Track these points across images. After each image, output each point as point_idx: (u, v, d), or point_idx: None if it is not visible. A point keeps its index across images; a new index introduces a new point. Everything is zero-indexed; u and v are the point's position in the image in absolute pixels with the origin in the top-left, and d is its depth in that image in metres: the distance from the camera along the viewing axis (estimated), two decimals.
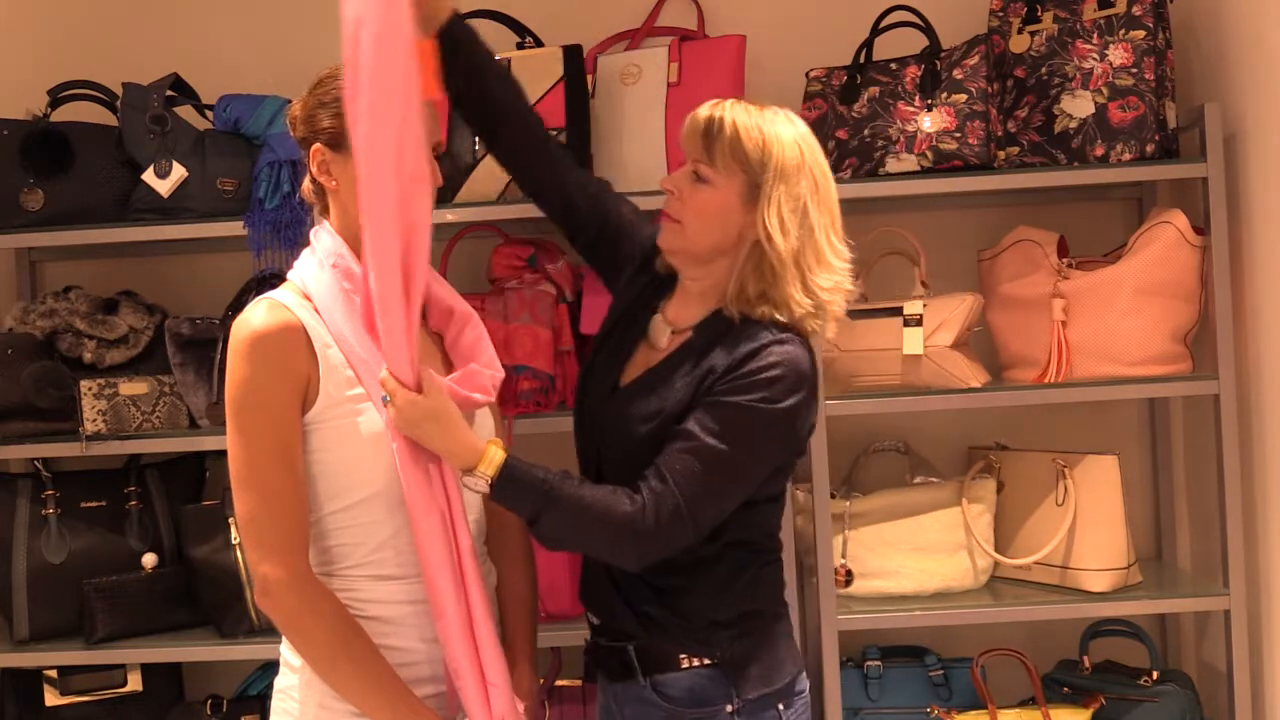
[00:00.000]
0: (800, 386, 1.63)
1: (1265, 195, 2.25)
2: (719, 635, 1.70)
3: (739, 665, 1.70)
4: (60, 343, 2.51)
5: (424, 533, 1.61)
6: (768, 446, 1.65)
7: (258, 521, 1.58)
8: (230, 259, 2.61)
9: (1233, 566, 2.30)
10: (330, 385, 1.63)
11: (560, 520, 1.61)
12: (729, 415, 1.61)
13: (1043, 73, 2.43)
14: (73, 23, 2.82)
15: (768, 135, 1.65)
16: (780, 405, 1.61)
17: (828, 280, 1.66)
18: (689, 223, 1.69)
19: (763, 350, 1.62)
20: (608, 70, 2.54)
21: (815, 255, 1.66)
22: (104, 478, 2.59)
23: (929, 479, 2.55)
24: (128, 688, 2.54)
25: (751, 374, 1.61)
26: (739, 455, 1.61)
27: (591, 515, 1.60)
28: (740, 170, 1.66)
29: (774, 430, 1.63)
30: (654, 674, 1.71)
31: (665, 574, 1.69)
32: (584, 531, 1.63)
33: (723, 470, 1.61)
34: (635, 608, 1.72)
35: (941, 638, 2.58)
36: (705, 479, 1.60)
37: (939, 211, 2.66)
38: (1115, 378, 2.36)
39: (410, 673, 1.64)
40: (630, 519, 1.59)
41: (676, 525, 1.60)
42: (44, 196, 2.47)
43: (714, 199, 1.67)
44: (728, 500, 1.65)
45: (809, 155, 1.67)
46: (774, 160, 1.64)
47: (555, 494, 1.60)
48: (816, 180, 1.67)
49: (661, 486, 1.60)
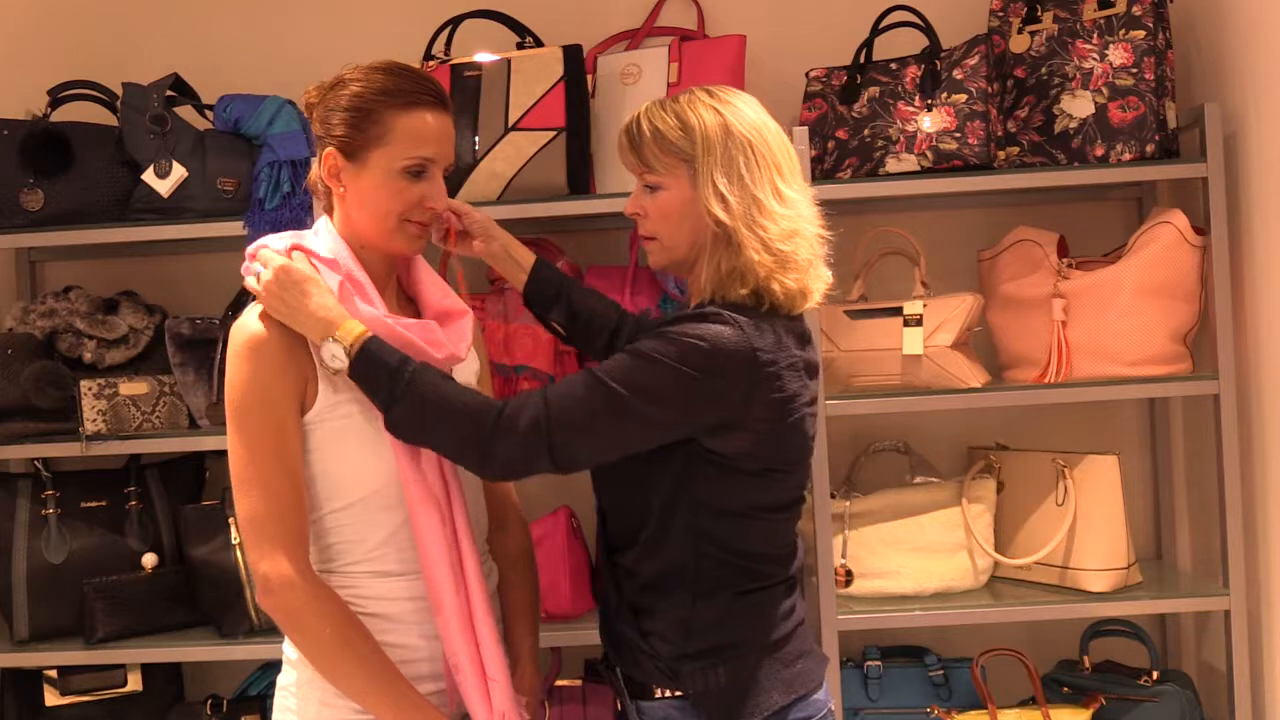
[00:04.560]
0: (720, 371, 1.54)
1: (1265, 195, 2.25)
2: (685, 668, 1.63)
3: (712, 698, 1.62)
4: (60, 343, 2.51)
5: (423, 528, 1.62)
6: (658, 399, 1.55)
7: (258, 521, 1.59)
8: (230, 259, 2.57)
9: (1233, 566, 2.30)
10: (329, 385, 1.64)
11: (413, 407, 1.57)
12: (629, 359, 1.56)
13: (1043, 73, 2.43)
14: (73, 23, 2.82)
15: (685, 119, 1.64)
16: (680, 366, 1.53)
17: (775, 228, 1.61)
18: (661, 233, 1.69)
19: (697, 319, 1.57)
20: (608, 70, 2.54)
21: (759, 210, 1.61)
22: (104, 478, 2.59)
23: (929, 479, 2.55)
24: (128, 688, 2.54)
25: (672, 333, 1.56)
26: (624, 397, 1.53)
27: (446, 406, 1.57)
28: (678, 161, 1.65)
29: (666, 385, 1.54)
30: (637, 699, 1.68)
31: (638, 590, 1.66)
32: (435, 422, 1.58)
33: (601, 404, 1.54)
34: (615, 629, 1.70)
35: (941, 638, 2.58)
36: (580, 406, 1.55)
37: (939, 211, 2.66)
38: (1115, 378, 2.36)
39: (411, 669, 1.64)
40: (482, 412, 1.56)
41: (531, 436, 1.54)
42: (44, 196, 2.47)
43: (670, 200, 1.66)
44: (599, 441, 1.57)
45: (734, 121, 1.64)
46: (698, 138, 1.63)
47: (414, 379, 1.57)
48: (748, 140, 1.63)
49: (531, 396, 1.57)
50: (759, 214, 1.61)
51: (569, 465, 1.58)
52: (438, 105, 1.68)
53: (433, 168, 1.68)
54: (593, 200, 2.40)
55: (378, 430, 1.62)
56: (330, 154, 1.67)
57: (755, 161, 1.63)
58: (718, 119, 1.64)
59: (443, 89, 1.70)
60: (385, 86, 1.65)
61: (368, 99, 1.64)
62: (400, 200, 1.66)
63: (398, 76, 1.66)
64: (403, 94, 1.65)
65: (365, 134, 1.64)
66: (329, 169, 1.68)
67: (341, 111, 1.65)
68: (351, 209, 1.69)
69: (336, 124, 1.66)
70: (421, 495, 1.62)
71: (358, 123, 1.64)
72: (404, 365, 1.58)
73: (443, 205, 1.71)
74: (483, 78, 2.45)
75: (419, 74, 1.69)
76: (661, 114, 1.66)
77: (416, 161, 1.65)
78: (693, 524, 1.62)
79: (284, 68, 2.56)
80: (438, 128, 1.67)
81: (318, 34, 2.78)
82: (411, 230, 1.69)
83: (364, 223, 1.69)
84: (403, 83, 1.65)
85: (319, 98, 1.70)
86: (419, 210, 1.68)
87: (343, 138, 1.66)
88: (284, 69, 2.54)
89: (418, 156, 1.65)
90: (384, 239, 1.69)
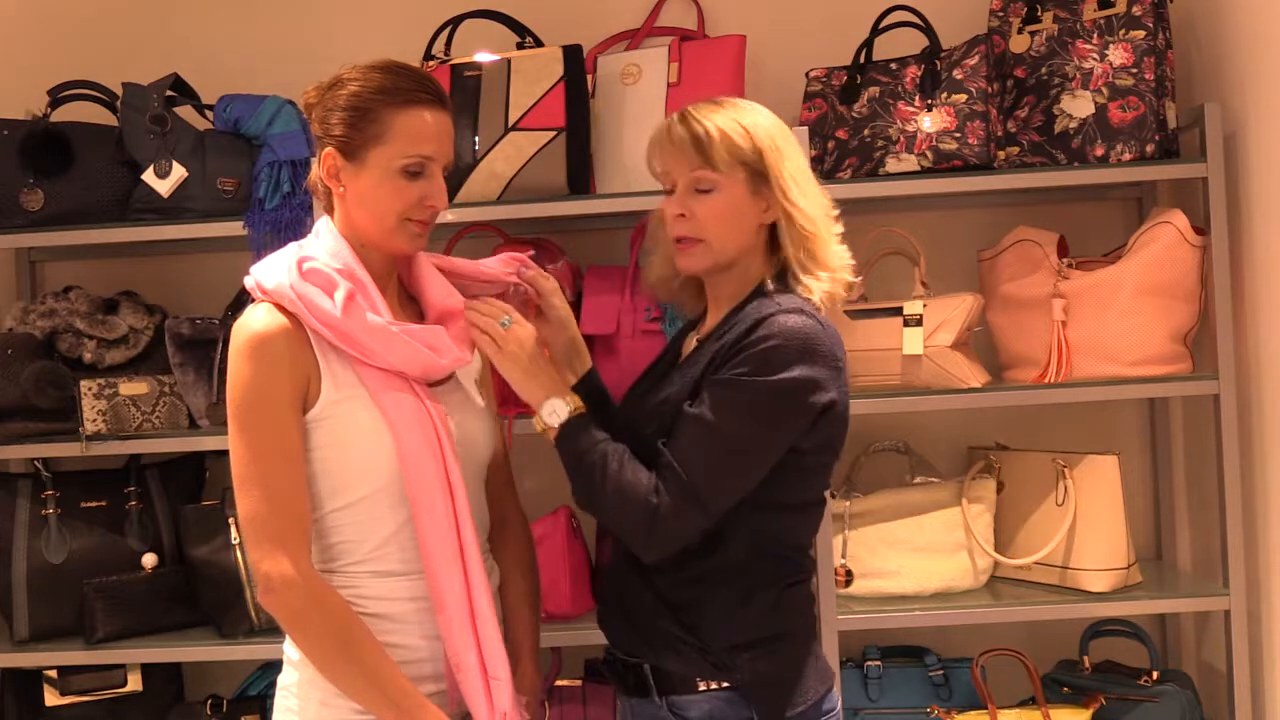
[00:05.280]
0: (804, 358, 1.60)
1: (1265, 195, 2.25)
2: (737, 658, 1.66)
3: (759, 688, 1.66)
4: (60, 343, 2.51)
5: (427, 526, 1.62)
6: (764, 419, 1.60)
7: (260, 520, 1.58)
8: (230, 259, 2.61)
9: (1233, 566, 2.30)
10: (331, 384, 1.64)
11: (588, 489, 1.65)
12: (720, 390, 1.61)
13: (1043, 73, 2.43)
14: (73, 23, 2.82)
15: (747, 125, 1.70)
16: (771, 378, 1.58)
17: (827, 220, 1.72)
18: (712, 235, 1.71)
19: (763, 322, 1.62)
20: (608, 70, 2.54)
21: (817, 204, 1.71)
22: (104, 478, 2.59)
23: (929, 479, 2.55)
24: (128, 688, 2.54)
25: (745, 347, 1.61)
26: (737, 430, 1.59)
27: (619, 495, 1.62)
28: (740, 165, 1.68)
29: (764, 402, 1.59)
30: (670, 694, 1.69)
31: (682, 586, 1.67)
32: (609, 508, 1.65)
33: (723, 448, 1.59)
34: (651, 625, 1.70)
35: (941, 638, 2.58)
36: (709, 460, 1.59)
37: (939, 211, 2.66)
38: (1115, 378, 2.36)
39: (412, 670, 1.64)
40: (645, 502, 1.60)
41: (687, 505, 1.59)
42: (44, 196, 2.47)
43: (727, 202, 1.69)
44: (735, 478, 1.62)
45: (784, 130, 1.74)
46: (765, 142, 1.69)
47: (596, 465, 1.63)
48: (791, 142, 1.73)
49: (668, 468, 1.60)
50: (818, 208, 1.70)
51: (721, 513, 1.63)
52: (436, 103, 1.67)
53: (432, 166, 1.67)
54: (593, 200, 2.40)
55: (380, 428, 1.63)
56: (329, 154, 1.67)
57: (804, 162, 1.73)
58: (776, 125, 1.72)
59: (441, 87, 1.70)
60: (383, 85, 1.64)
61: (366, 98, 1.64)
62: (400, 199, 1.66)
63: (395, 75, 1.66)
64: (401, 92, 1.64)
65: (364, 133, 1.64)
66: (328, 169, 1.68)
67: (340, 111, 1.65)
68: (351, 208, 1.69)
69: (335, 124, 1.66)
70: (425, 493, 1.62)
71: (356, 122, 1.64)
72: (593, 449, 1.64)
73: (443, 204, 1.70)
74: (483, 78, 2.45)
75: (417, 72, 1.69)
76: (722, 119, 1.70)
77: (415, 160, 1.65)
78: (756, 522, 1.66)
79: (284, 68, 2.56)
80: (436, 126, 1.67)
81: (318, 34, 2.78)
82: (412, 229, 1.69)
83: (364, 222, 1.68)
84: (401, 81, 1.65)
85: (318, 98, 1.69)
86: (419, 209, 1.67)
87: (341, 137, 1.65)
88: (284, 69, 2.54)
89: (417, 155, 1.65)
90: (384, 238, 1.68)
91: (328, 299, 1.62)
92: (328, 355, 1.64)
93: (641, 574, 1.71)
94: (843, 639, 2.35)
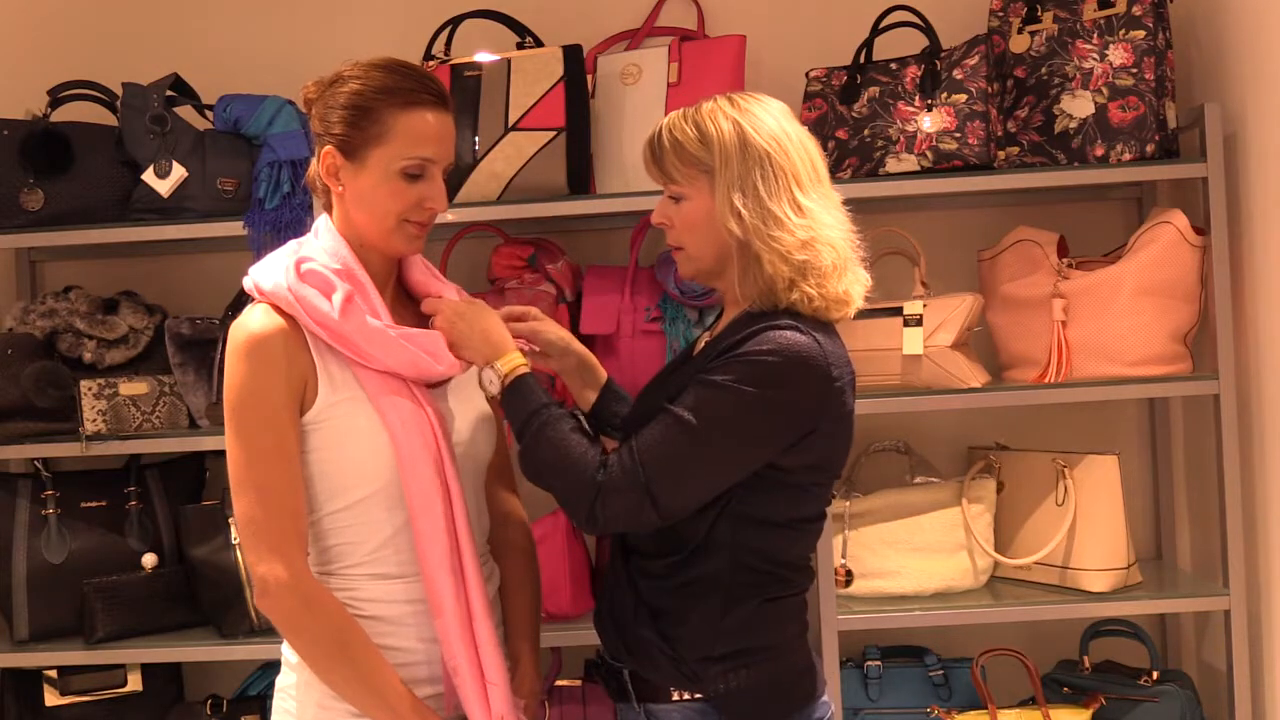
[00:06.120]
0: (793, 377, 1.56)
1: (1265, 195, 2.25)
2: (710, 670, 1.63)
3: (732, 700, 1.63)
4: (60, 343, 2.51)
5: (424, 530, 1.61)
6: (743, 431, 1.56)
7: (256, 522, 1.58)
8: (230, 259, 2.61)
9: (1233, 566, 2.30)
10: (328, 385, 1.63)
11: (535, 450, 1.62)
12: (704, 392, 1.57)
13: (1043, 73, 2.43)
14: (73, 23, 2.82)
15: (704, 129, 1.65)
16: (752, 390, 1.54)
17: (790, 239, 1.59)
18: (688, 242, 1.70)
19: (761, 334, 1.57)
20: (608, 70, 2.54)
21: (774, 223, 1.60)
22: (104, 478, 2.59)
23: (929, 479, 2.55)
24: (128, 688, 2.54)
25: (740, 355, 1.57)
26: (708, 433, 1.55)
27: (563, 460, 1.59)
28: (699, 171, 1.66)
29: (749, 414, 1.55)
30: (648, 702, 1.68)
31: (665, 594, 1.66)
32: (550, 472, 1.62)
33: (689, 445, 1.55)
34: (631, 631, 1.69)
35: (941, 638, 2.58)
36: (669, 451, 1.56)
37: (939, 211, 2.66)
38: (1115, 378, 2.36)
39: (409, 673, 1.64)
40: (589, 470, 1.58)
41: (632, 496, 1.56)
42: (44, 196, 2.47)
43: (694, 210, 1.67)
44: (694, 481, 1.57)
45: (752, 132, 1.63)
46: (716, 148, 1.63)
47: (545, 424, 1.61)
48: (765, 153, 1.62)
49: (626, 451, 1.58)
50: (773, 227, 1.60)
51: (672, 514, 1.59)
52: (438, 104, 1.66)
53: (432, 168, 1.66)
54: (593, 200, 2.40)
55: (378, 430, 1.62)
56: (329, 152, 1.66)
57: (772, 174, 1.63)
58: (735, 130, 1.64)
59: (443, 87, 1.68)
60: (385, 84, 1.63)
61: (367, 97, 1.63)
62: (399, 201, 1.65)
63: (398, 74, 1.65)
64: (402, 92, 1.63)
65: (364, 133, 1.63)
66: (327, 168, 1.67)
67: (340, 109, 1.64)
68: (350, 208, 1.68)
69: (335, 122, 1.65)
70: (422, 496, 1.61)
71: (356, 121, 1.63)
72: (542, 409, 1.62)
73: (442, 206, 1.69)
74: (483, 78, 2.45)
75: (419, 72, 1.67)
76: (683, 125, 1.67)
77: (416, 162, 1.64)
78: (737, 536, 1.63)
79: (284, 68, 2.56)
80: (438, 127, 1.66)
81: (318, 34, 2.78)
82: (410, 230, 1.68)
83: (363, 222, 1.67)
84: (403, 81, 1.64)
85: (318, 94, 1.68)
86: (418, 211, 1.67)
87: (341, 136, 1.64)
88: (284, 69, 2.53)
89: (417, 157, 1.64)
90: (382, 239, 1.68)
91: (325, 301, 1.61)
92: (325, 357, 1.64)
93: (629, 580, 1.70)
94: (843, 639, 2.35)
